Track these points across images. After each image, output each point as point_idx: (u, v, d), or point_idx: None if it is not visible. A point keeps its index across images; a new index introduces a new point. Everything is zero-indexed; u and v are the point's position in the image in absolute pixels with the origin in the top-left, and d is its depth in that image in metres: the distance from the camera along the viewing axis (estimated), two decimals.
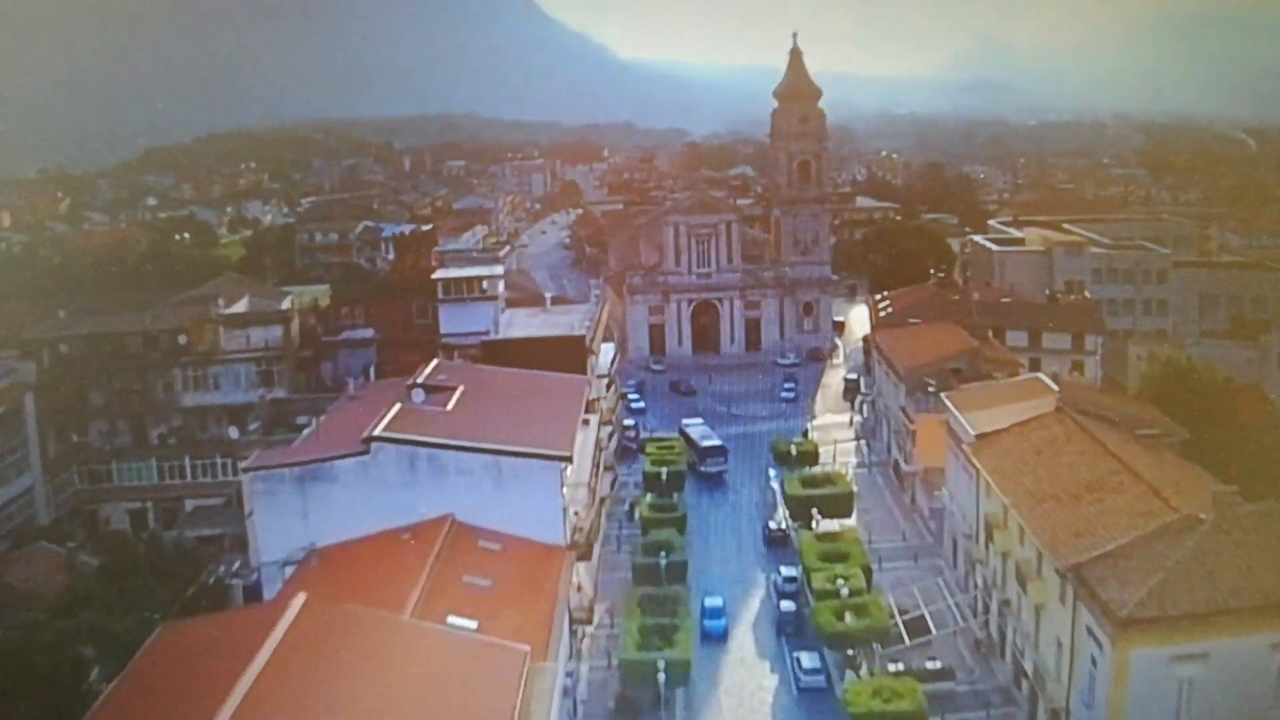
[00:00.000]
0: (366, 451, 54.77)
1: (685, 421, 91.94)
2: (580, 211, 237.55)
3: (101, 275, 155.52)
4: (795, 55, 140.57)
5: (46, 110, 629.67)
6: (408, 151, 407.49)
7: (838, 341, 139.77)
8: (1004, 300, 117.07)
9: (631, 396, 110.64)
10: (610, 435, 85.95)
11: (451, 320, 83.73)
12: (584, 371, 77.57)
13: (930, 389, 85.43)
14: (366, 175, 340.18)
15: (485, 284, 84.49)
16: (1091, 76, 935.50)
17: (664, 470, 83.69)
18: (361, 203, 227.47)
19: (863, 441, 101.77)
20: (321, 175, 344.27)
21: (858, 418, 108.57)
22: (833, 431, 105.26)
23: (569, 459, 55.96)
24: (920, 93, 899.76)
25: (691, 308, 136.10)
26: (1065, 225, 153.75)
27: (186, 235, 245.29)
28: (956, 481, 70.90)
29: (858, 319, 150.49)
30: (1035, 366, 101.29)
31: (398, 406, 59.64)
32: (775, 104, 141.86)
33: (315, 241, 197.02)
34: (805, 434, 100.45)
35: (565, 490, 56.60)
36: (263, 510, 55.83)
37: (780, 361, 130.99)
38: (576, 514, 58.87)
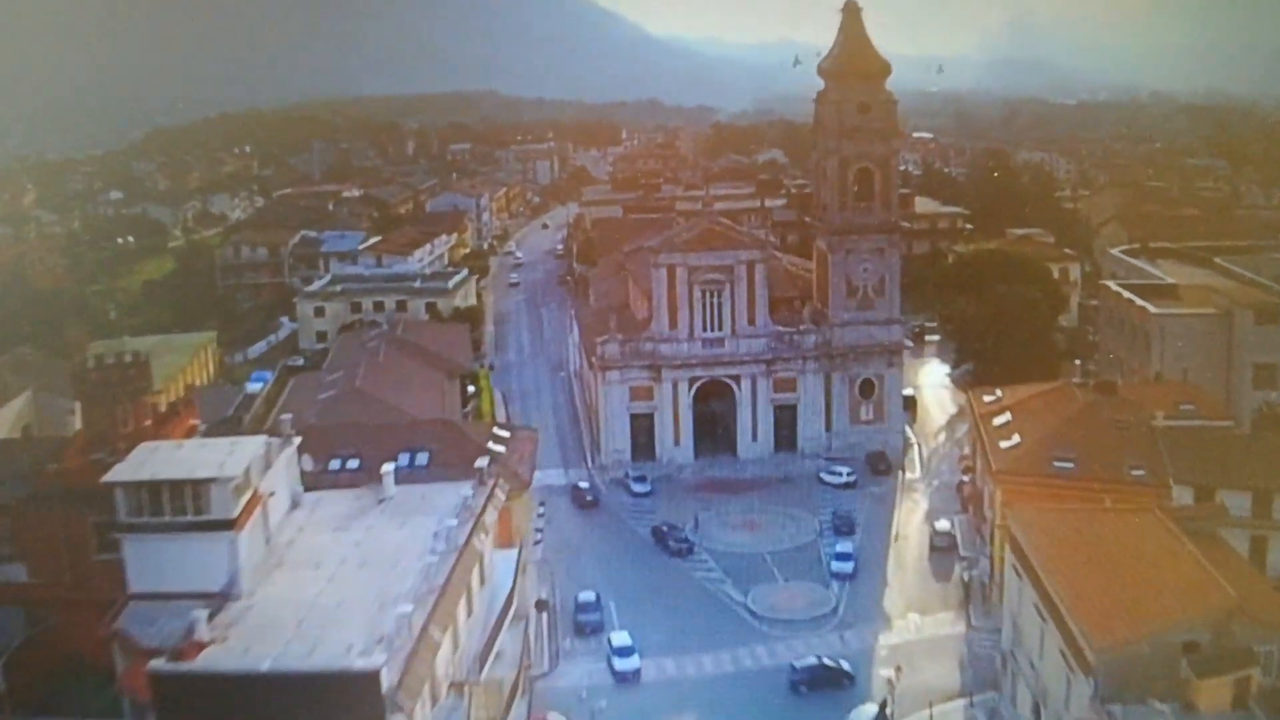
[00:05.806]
0: None
1: None
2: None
3: None
4: (851, 13, 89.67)
5: (74, 89, 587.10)
6: (413, 133, 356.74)
7: (911, 436, 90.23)
8: (1186, 408, 67.73)
9: (618, 645, 58.80)
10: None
11: (146, 567, 36.18)
12: None
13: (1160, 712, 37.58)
14: (360, 161, 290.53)
15: (213, 493, 36.55)
16: (1124, 53, 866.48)
17: None
18: (315, 205, 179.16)
19: (977, 707, 53.11)
20: (312, 161, 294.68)
21: (962, 629, 60.32)
22: (922, 668, 56.37)
23: None
24: (953, 69, 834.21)
25: (695, 390, 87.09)
26: (1217, 259, 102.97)
27: (131, 238, 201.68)
28: None
29: (933, 389, 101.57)
30: (1259, 550, 54.63)
31: None
32: (820, 85, 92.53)
33: (241, 257, 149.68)
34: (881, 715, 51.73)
35: None
36: None
37: (827, 478, 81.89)
38: None
